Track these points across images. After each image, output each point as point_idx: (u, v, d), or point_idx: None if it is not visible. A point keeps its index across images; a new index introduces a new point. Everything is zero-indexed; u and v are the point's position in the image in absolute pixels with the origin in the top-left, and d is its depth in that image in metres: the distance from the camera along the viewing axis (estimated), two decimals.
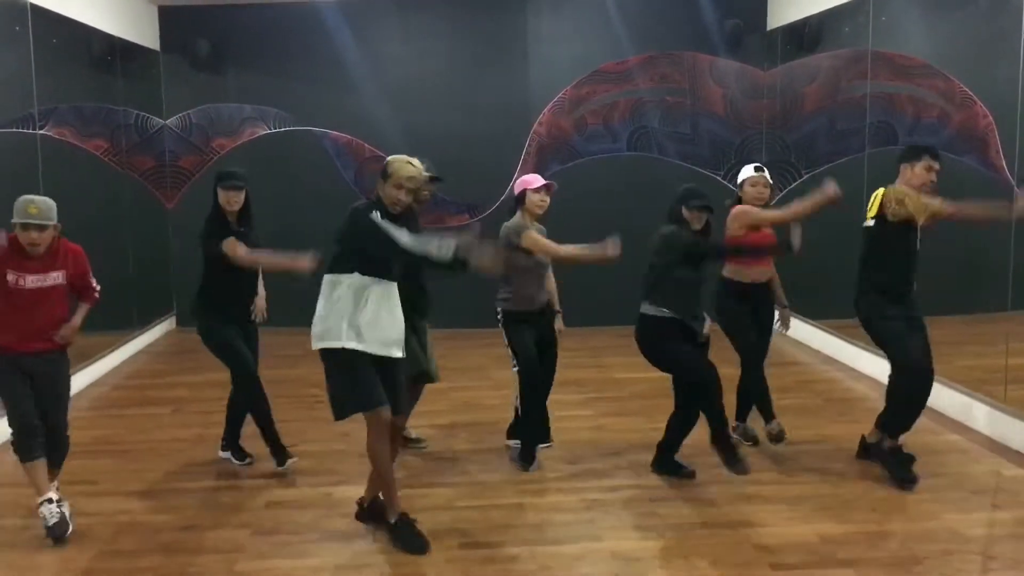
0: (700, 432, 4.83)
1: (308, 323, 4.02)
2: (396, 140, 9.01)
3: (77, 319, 4.39)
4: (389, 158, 4.09)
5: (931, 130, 7.55)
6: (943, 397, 5.77)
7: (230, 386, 5.10)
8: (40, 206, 4.10)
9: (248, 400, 5.02)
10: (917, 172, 4.72)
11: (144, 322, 8.74)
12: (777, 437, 5.19)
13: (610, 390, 6.58)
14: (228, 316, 5.00)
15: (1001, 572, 3.77)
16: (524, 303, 5.05)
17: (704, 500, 4.60)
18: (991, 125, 7.07)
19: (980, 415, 5.61)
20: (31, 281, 4.18)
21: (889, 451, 4.85)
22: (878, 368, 5.05)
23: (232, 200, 4.90)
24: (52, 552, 4.06)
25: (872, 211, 4.78)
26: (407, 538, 4.04)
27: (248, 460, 5.14)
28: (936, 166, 4.73)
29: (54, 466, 4.39)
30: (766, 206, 5.21)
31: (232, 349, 4.94)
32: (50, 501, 4.18)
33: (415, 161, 4.06)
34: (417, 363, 4.81)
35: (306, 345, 4.06)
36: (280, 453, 4.99)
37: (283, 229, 7.24)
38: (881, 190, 4.78)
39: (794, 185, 8.83)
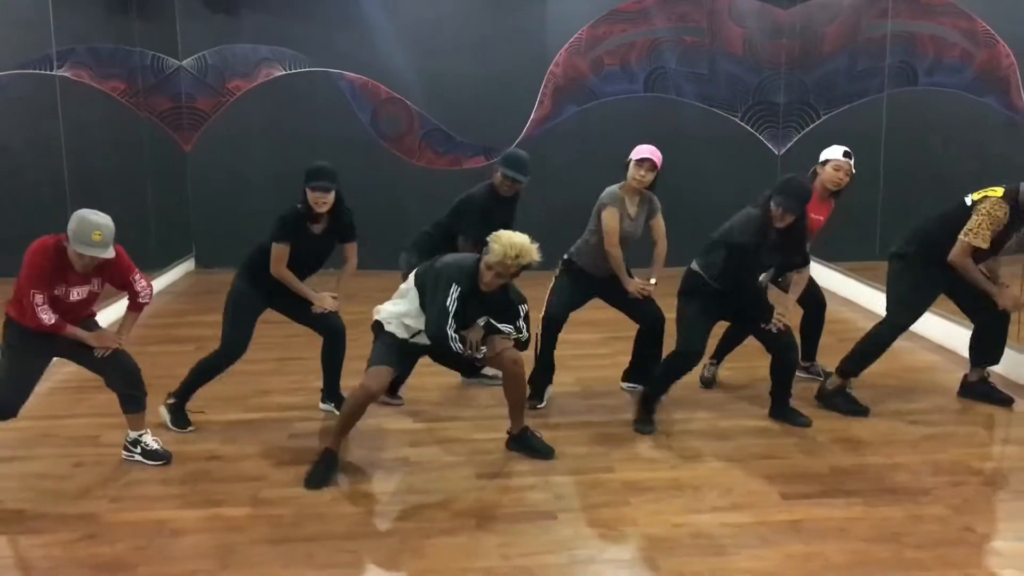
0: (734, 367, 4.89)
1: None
2: (412, 81, 9.03)
3: (124, 330, 4.32)
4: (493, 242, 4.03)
5: (952, 70, 7.46)
6: (957, 337, 5.79)
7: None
8: (104, 231, 3.87)
9: (209, 365, 4.85)
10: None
11: (164, 263, 8.85)
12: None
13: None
14: (265, 290, 4.78)
15: (1008, 503, 3.85)
16: (588, 266, 5.08)
17: (716, 434, 4.68)
18: (1013, 65, 6.99)
19: None
20: (76, 294, 4.06)
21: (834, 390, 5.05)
22: None
23: (319, 201, 4.55)
24: (79, 480, 4.19)
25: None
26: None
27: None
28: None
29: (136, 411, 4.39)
30: (837, 191, 5.14)
31: (236, 321, 4.78)
32: None
33: (516, 244, 3.99)
34: None
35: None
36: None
37: (298, 171, 7.29)
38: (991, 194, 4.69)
39: (812, 127, 8.77)
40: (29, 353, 4.14)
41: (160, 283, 8.64)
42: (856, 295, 7.66)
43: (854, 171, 5.09)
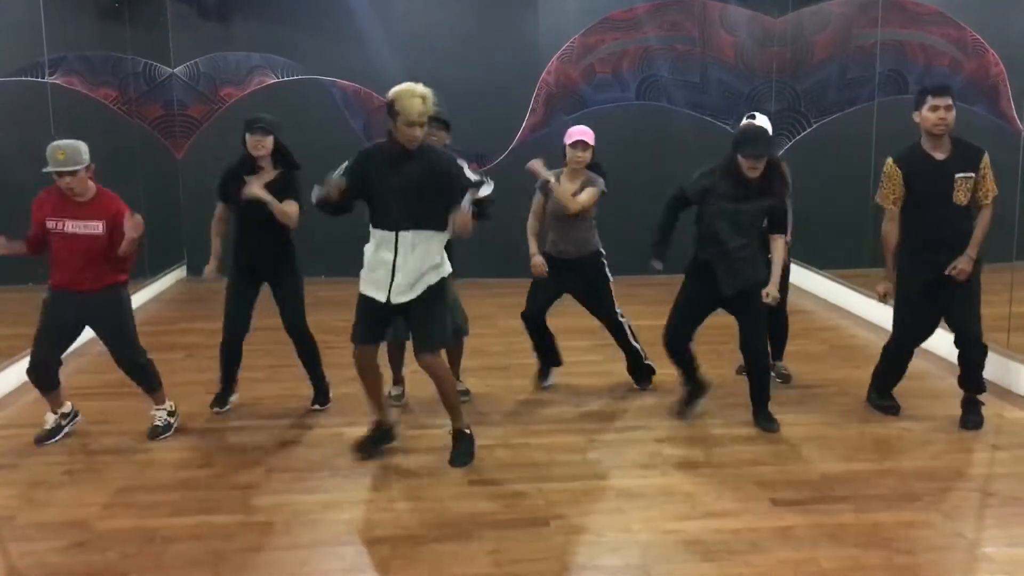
0: (715, 371, 4.91)
1: (315, 272, 4.07)
2: None
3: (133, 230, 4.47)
4: (392, 93, 4.21)
5: (942, 78, 7.50)
6: (948, 343, 5.81)
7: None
8: (67, 150, 4.34)
9: (222, 351, 5.12)
10: (925, 115, 4.62)
11: (155, 271, 8.83)
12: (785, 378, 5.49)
13: None
14: (241, 266, 5.03)
15: (998, 508, 3.86)
16: (550, 247, 5.22)
17: (708, 440, 4.69)
18: (1002, 74, 7.05)
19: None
20: (71, 226, 4.46)
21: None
22: (882, 316, 5.10)
23: (257, 145, 4.91)
24: (72, 487, 4.17)
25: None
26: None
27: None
28: (940, 102, 4.57)
29: (148, 391, 4.86)
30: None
31: (226, 303, 5.06)
32: (53, 412, 4.75)
33: (420, 90, 4.22)
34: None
35: (318, 293, 4.17)
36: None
37: None
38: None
39: (803, 135, 8.81)
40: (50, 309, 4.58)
41: (151, 291, 8.63)
42: (845, 302, 7.69)
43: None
